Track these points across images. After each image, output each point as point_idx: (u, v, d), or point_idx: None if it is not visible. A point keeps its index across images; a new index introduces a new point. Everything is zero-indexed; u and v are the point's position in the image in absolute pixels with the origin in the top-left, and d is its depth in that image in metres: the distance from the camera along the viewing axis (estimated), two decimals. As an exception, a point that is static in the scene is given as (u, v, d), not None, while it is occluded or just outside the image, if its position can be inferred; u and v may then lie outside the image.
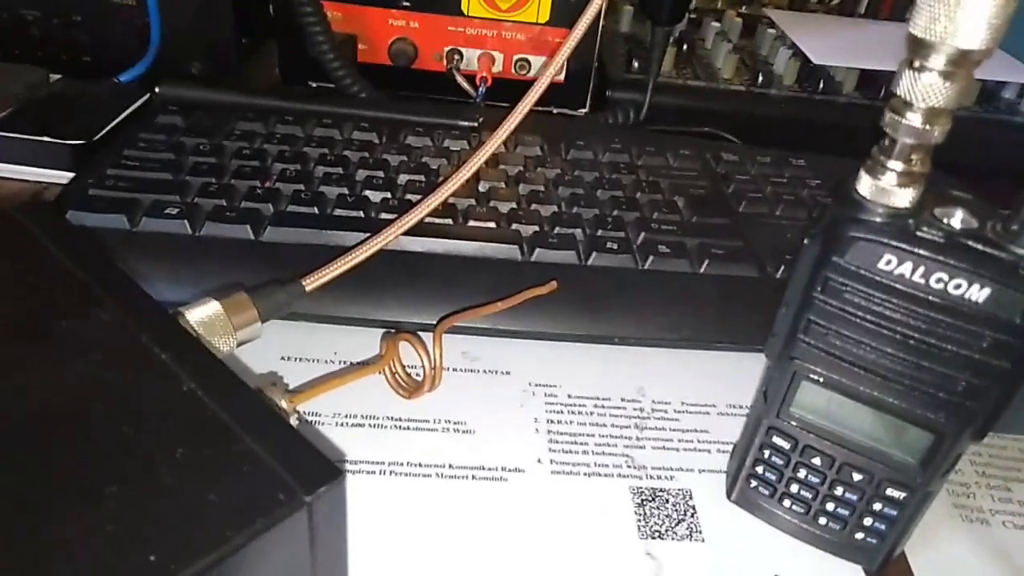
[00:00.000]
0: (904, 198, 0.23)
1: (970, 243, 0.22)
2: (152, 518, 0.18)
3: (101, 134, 0.47)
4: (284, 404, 0.25)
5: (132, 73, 0.53)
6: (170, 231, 0.38)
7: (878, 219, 0.23)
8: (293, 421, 0.25)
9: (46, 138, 0.46)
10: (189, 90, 0.50)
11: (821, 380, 0.26)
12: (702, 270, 0.40)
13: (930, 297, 0.23)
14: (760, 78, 0.61)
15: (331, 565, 0.20)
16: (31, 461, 0.18)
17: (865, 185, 0.23)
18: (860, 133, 0.63)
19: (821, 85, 0.61)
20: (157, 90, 0.50)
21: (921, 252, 0.22)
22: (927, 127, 0.21)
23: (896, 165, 0.23)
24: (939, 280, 0.22)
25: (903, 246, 0.22)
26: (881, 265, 0.23)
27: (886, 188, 0.23)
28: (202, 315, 0.28)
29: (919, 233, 0.22)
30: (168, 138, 0.45)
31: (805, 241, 0.25)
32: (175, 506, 0.18)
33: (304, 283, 0.32)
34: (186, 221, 0.38)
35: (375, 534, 0.29)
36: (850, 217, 0.23)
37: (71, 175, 0.44)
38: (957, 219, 0.23)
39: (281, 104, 0.50)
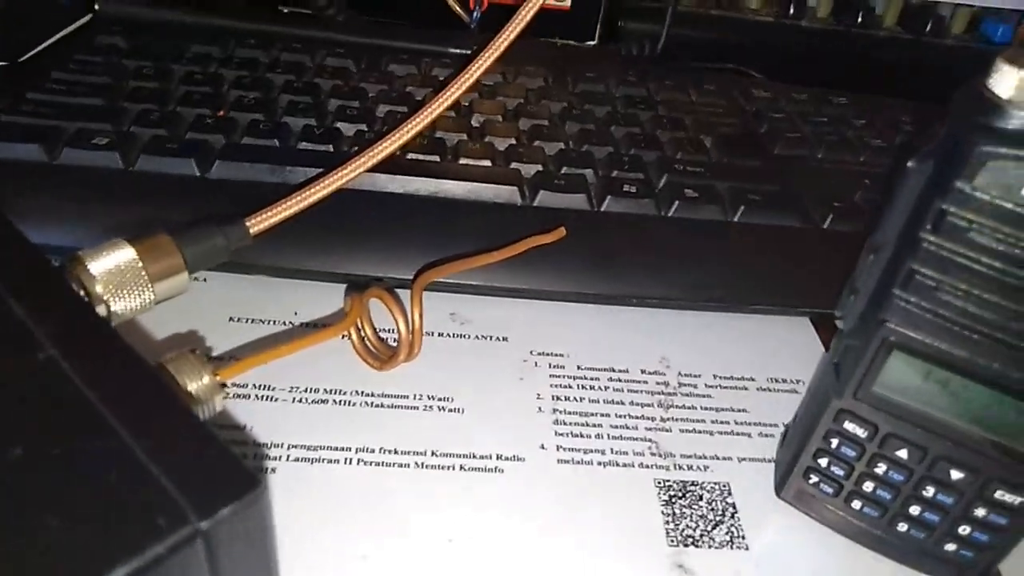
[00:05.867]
0: (1062, 98, 0.16)
1: None
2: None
3: (29, 55, 0.40)
4: (204, 379, 0.18)
5: (72, -10, 0.46)
6: (97, 164, 0.32)
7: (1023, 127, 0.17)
8: (218, 402, 0.19)
9: (-38, 59, 0.39)
10: (135, 7, 0.43)
11: (920, 350, 0.20)
12: (736, 218, 0.34)
13: (1097, 236, 0.16)
14: (791, 9, 0.54)
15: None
16: None
17: (1006, 80, 0.17)
18: (902, 72, 0.56)
19: (859, 18, 0.54)
20: (97, 7, 0.42)
21: (1090, 172, 0.16)
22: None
23: (1057, 49, 0.16)
24: (1115, 212, 0.16)
25: (1064, 164, 0.16)
26: (1027, 192, 0.17)
27: (1038, 83, 0.16)
28: (108, 263, 0.21)
29: (1086, 146, 0.16)
30: (106, 60, 0.39)
31: (910, 164, 0.18)
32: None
33: (248, 224, 0.25)
34: (117, 153, 0.32)
35: (338, 536, 0.23)
36: (982, 126, 0.17)
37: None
38: None
39: (243, 26, 0.44)
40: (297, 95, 0.37)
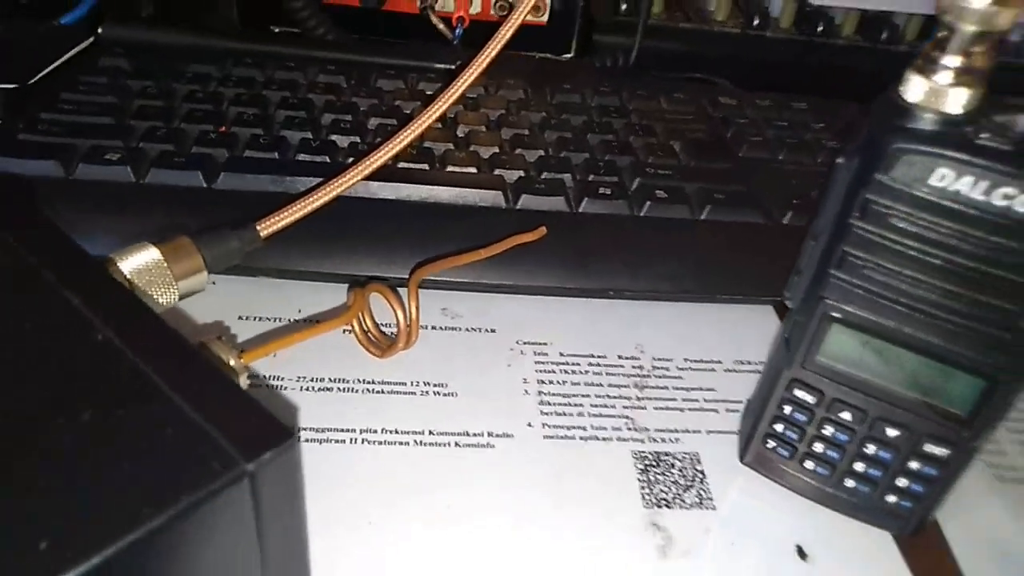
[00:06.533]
0: (960, 101, 0.19)
1: (1041, 151, 0.18)
2: (46, 495, 0.14)
3: (37, 78, 0.42)
4: (231, 362, 0.21)
5: (74, 15, 0.49)
6: (111, 178, 0.34)
7: (929, 127, 0.20)
8: (243, 382, 0.21)
9: (-27, 82, 0.41)
10: (136, 31, 0.46)
11: (855, 322, 0.23)
12: (703, 216, 0.37)
13: (992, 217, 0.19)
14: (755, 20, 0.57)
15: (284, 544, 0.17)
16: None
17: (914, 88, 0.20)
18: (861, 78, 0.59)
19: (820, 28, 0.57)
20: (100, 31, 0.45)
21: (983, 163, 0.19)
22: (995, 8, 0.18)
23: (953, 61, 0.19)
24: (1005, 196, 0.19)
25: (961, 156, 0.19)
26: (933, 181, 0.19)
27: (939, 90, 0.19)
28: (137, 263, 0.24)
29: (979, 141, 0.19)
30: (111, 81, 0.41)
31: (839, 160, 0.21)
32: (76, 480, 0.14)
33: (259, 227, 0.28)
34: (129, 167, 0.34)
35: (345, 508, 0.25)
36: (895, 127, 0.20)
37: None
38: (1021, 126, 0.19)
39: (238, 46, 0.46)
40: (293, 110, 0.40)
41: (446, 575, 0.24)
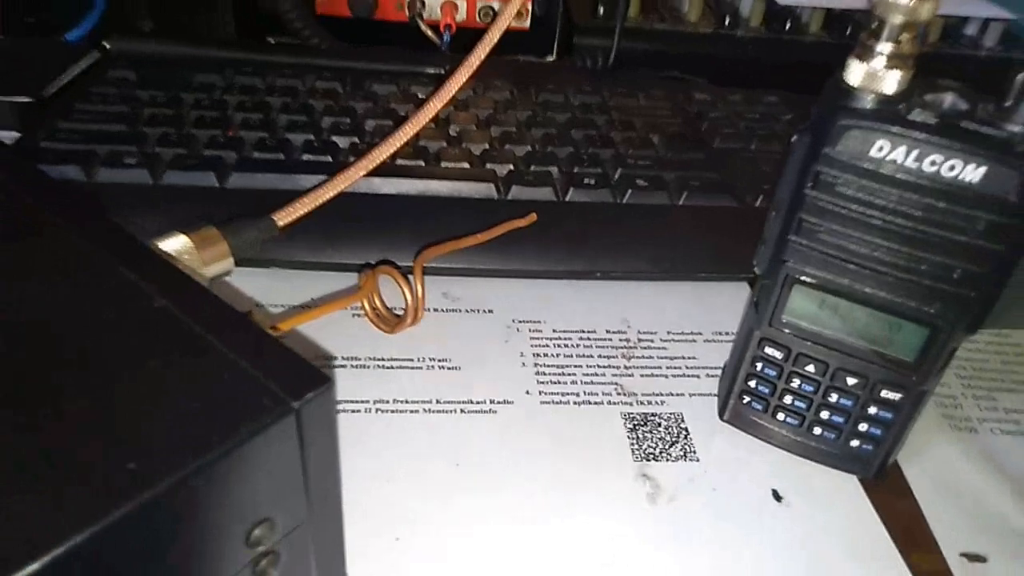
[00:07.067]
0: (894, 82, 0.22)
1: (963, 124, 0.21)
2: (128, 429, 0.16)
3: (50, 92, 0.45)
4: (269, 328, 0.23)
5: (79, 31, 0.51)
6: (130, 181, 0.37)
7: (868, 106, 0.22)
8: (274, 348, 0.24)
9: (-9, 97, 0.43)
10: (141, 45, 0.48)
11: (813, 281, 0.25)
12: (681, 202, 0.40)
13: (924, 182, 0.22)
14: (726, 20, 0.60)
15: (323, 475, 0.19)
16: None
17: (854, 72, 0.23)
18: (827, 72, 0.63)
19: (788, 25, 0.61)
20: (107, 46, 0.47)
21: (914, 135, 0.22)
22: (917, 2, 0.21)
23: (885, 47, 0.22)
24: (933, 163, 0.22)
25: (895, 130, 0.22)
26: (873, 152, 0.22)
27: (876, 73, 0.22)
28: (169, 249, 0.26)
29: (911, 116, 0.22)
30: (121, 91, 0.43)
31: (794, 138, 0.24)
32: (152, 416, 0.17)
33: (275, 218, 0.30)
34: (146, 170, 0.37)
35: (364, 468, 0.28)
36: (840, 106, 0.23)
37: (18, 135, 0.41)
38: (947, 103, 0.22)
39: (239, 56, 0.49)
40: (294, 115, 0.43)
41: (456, 523, 0.26)
